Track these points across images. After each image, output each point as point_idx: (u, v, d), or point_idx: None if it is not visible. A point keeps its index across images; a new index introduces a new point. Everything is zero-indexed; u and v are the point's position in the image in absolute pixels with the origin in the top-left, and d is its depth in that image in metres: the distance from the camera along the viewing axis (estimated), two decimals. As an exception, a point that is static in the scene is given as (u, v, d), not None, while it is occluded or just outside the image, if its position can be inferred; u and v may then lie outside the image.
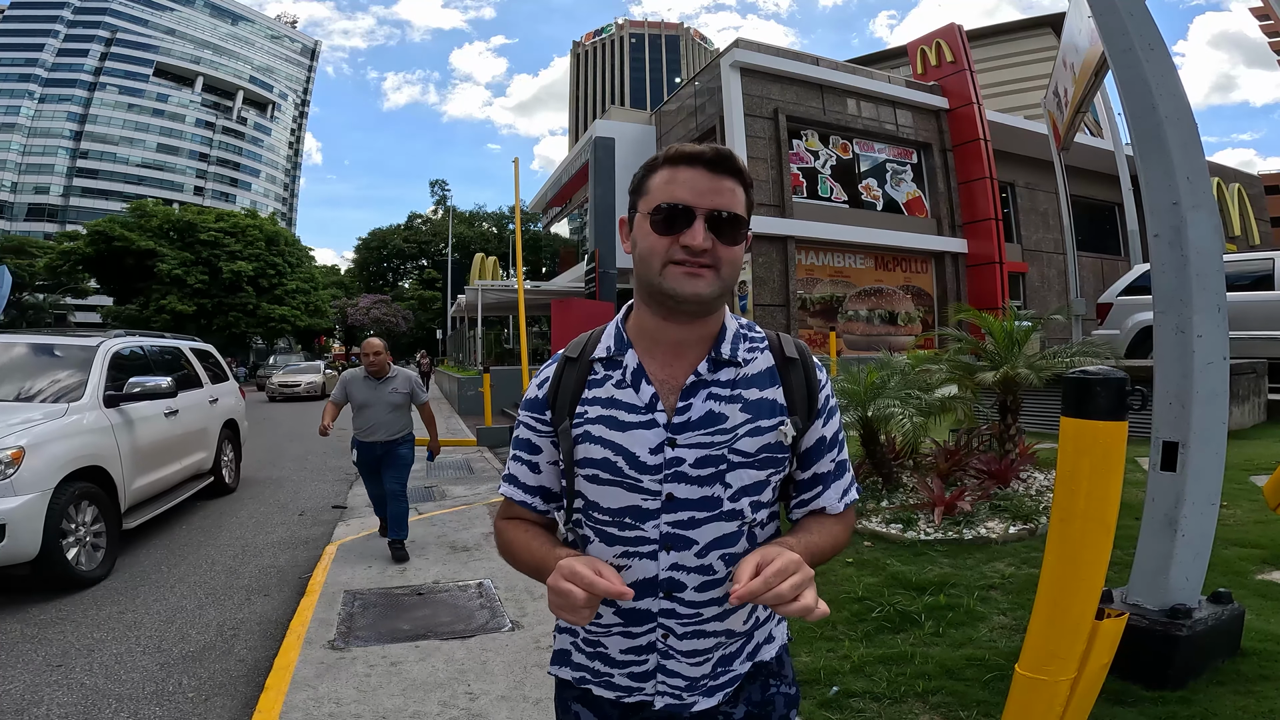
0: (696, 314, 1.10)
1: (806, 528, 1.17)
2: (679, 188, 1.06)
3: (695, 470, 1.10)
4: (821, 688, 2.82)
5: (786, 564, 0.96)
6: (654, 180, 1.10)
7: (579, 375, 1.16)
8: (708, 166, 1.07)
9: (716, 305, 1.11)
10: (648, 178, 1.11)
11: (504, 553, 1.23)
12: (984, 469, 5.35)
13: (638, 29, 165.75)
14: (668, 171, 1.09)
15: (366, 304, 58.39)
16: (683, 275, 1.06)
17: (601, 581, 0.98)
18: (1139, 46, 2.77)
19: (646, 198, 1.10)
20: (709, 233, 1.05)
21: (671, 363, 1.13)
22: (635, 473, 1.10)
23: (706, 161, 1.07)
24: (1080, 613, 2.03)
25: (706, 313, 1.11)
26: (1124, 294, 9.51)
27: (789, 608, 0.96)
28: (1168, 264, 2.72)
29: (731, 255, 1.08)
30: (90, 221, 45.26)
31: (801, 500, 1.21)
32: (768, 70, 19.27)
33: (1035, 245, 23.70)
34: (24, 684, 3.38)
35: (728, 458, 1.10)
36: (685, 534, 1.10)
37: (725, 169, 1.08)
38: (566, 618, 1.00)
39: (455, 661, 3.46)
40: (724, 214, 1.06)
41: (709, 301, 1.08)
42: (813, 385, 1.17)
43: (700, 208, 1.05)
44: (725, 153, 1.08)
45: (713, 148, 1.08)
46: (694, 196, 1.06)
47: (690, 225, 1.05)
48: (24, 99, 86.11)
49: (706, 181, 1.06)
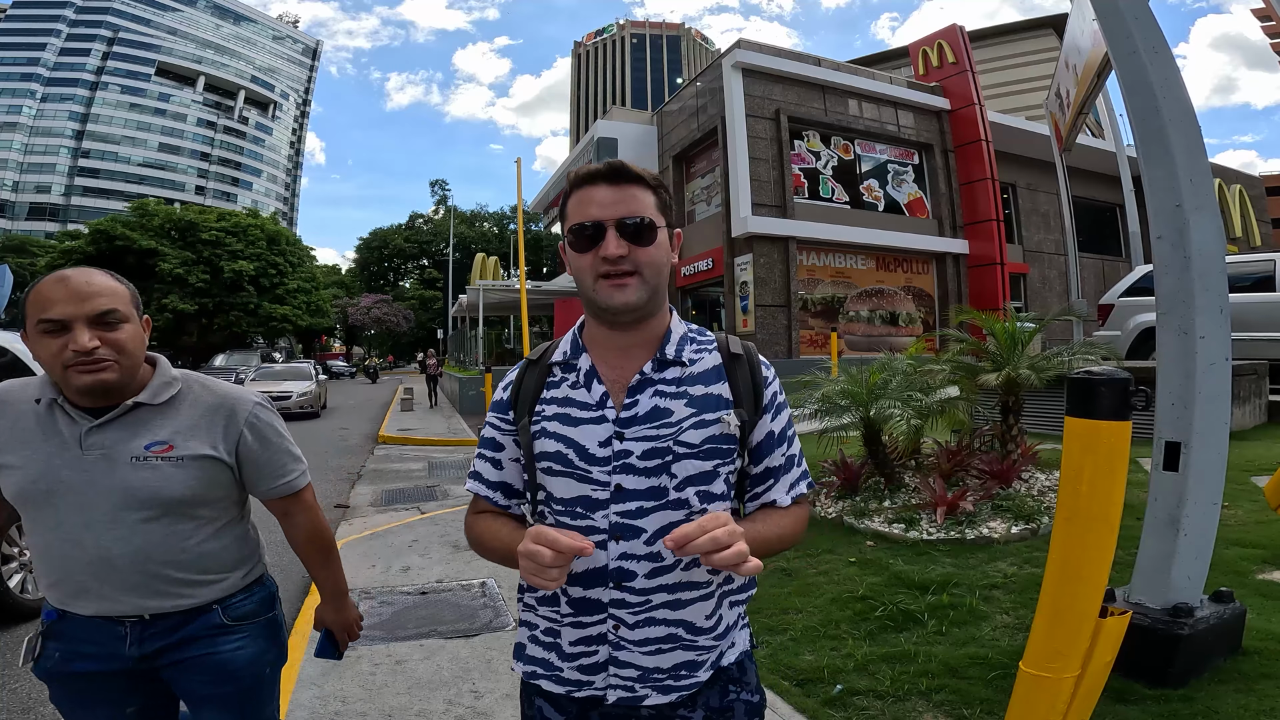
0: (634, 321, 1.18)
1: (752, 517, 1.23)
2: (589, 206, 1.15)
3: (642, 462, 1.15)
4: (826, 686, 2.83)
5: (720, 518, 1.02)
6: (569, 205, 1.19)
7: (539, 377, 1.25)
8: (607, 180, 1.16)
9: (652, 308, 1.19)
10: (565, 205, 1.20)
11: (475, 545, 1.28)
12: (986, 469, 5.35)
13: (639, 29, 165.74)
14: (577, 194, 1.18)
15: (368, 304, 58.53)
16: (610, 288, 1.14)
17: (564, 539, 1.01)
18: (1143, 49, 2.78)
19: (566, 222, 1.19)
20: (623, 241, 1.13)
21: (621, 364, 1.21)
22: (585, 464, 1.16)
23: (605, 176, 1.16)
24: (1084, 611, 2.04)
25: (644, 317, 1.18)
26: (1125, 295, 9.52)
27: (723, 555, 0.99)
28: (1170, 266, 2.73)
29: (650, 257, 1.15)
30: (92, 221, 45.31)
31: (754, 494, 1.25)
32: (769, 71, 19.29)
33: (1036, 246, 23.71)
34: (31, 683, 3.39)
35: (673, 449, 1.15)
36: (633, 523, 1.14)
37: (624, 178, 1.16)
38: (537, 582, 1.03)
39: (460, 660, 3.47)
40: (632, 220, 1.14)
41: (639, 307, 1.16)
42: (758, 380, 1.23)
43: (609, 219, 1.13)
44: (618, 164, 1.17)
45: (607, 162, 1.17)
46: (600, 210, 1.14)
47: (604, 238, 1.13)
48: (26, 98, 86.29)
49: (610, 194, 1.14)
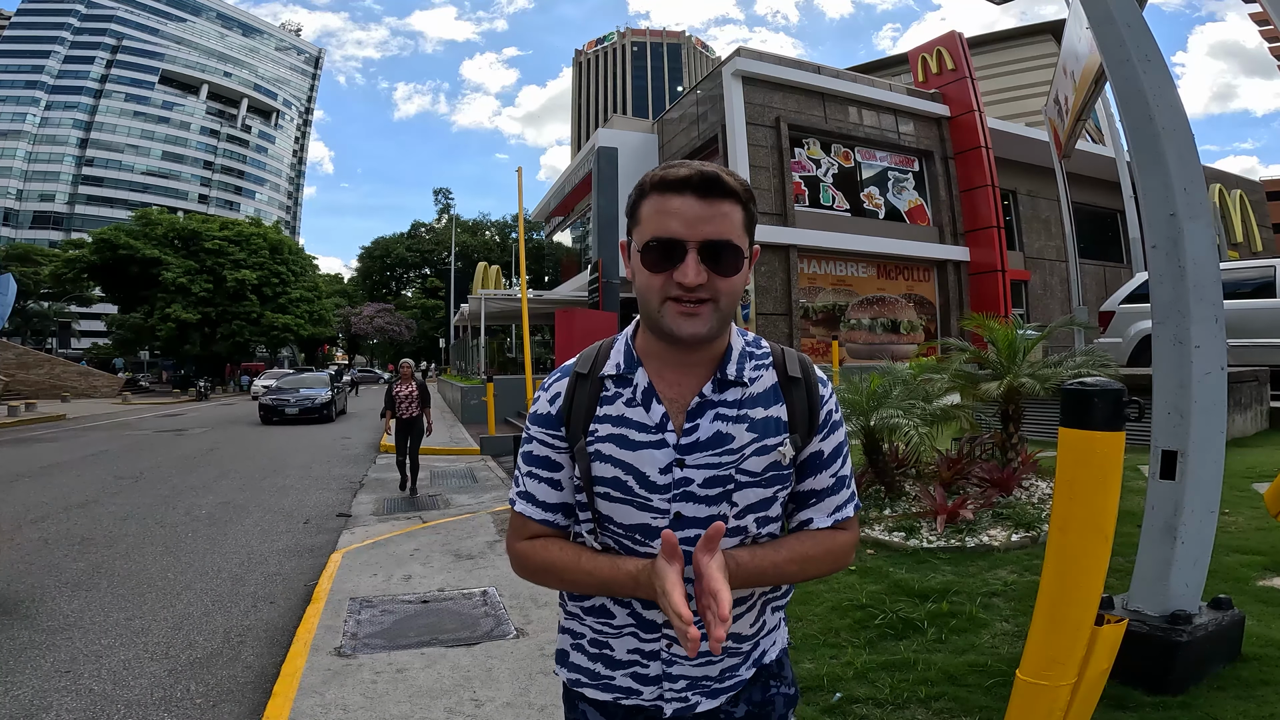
0: (698, 348, 1.09)
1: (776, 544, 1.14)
2: (669, 218, 1.00)
3: (703, 490, 1.10)
4: (825, 694, 2.84)
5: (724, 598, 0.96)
6: (645, 208, 1.04)
7: (591, 392, 1.14)
8: (696, 192, 1.00)
9: (720, 335, 1.10)
10: (639, 203, 1.06)
11: (539, 575, 1.16)
12: (986, 477, 5.35)
13: (639, 37, 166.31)
14: (656, 199, 1.03)
15: (370, 313, 58.58)
16: (680, 316, 1.02)
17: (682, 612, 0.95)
18: (1136, 58, 2.80)
19: (639, 227, 1.05)
20: (703, 265, 1.00)
21: (679, 381, 1.12)
22: (645, 492, 1.10)
23: (694, 187, 1.00)
24: (1079, 619, 2.05)
25: (708, 343, 1.09)
26: (1126, 302, 9.51)
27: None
28: (1165, 275, 2.75)
29: (730, 286, 1.03)
30: (95, 229, 45.48)
31: (796, 513, 1.20)
32: (770, 79, 19.37)
33: (1037, 253, 23.73)
34: (32, 689, 3.41)
35: (735, 477, 1.10)
36: (691, 549, 1.10)
37: (717, 192, 1.01)
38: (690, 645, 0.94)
39: (461, 669, 3.48)
40: (718, 244, 1.01)
41: (709, 339, 1.06)
42: (814, 403, 1.16)
43: (692, 240, 1.00)
44: (712, 174, 1.01)
45: (699, 170, 1.01)
46: (684, 228, 1.00)
47: (683, 260, 1.00)
48: (30, 106, 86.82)
49: (697, 209, 1.00)
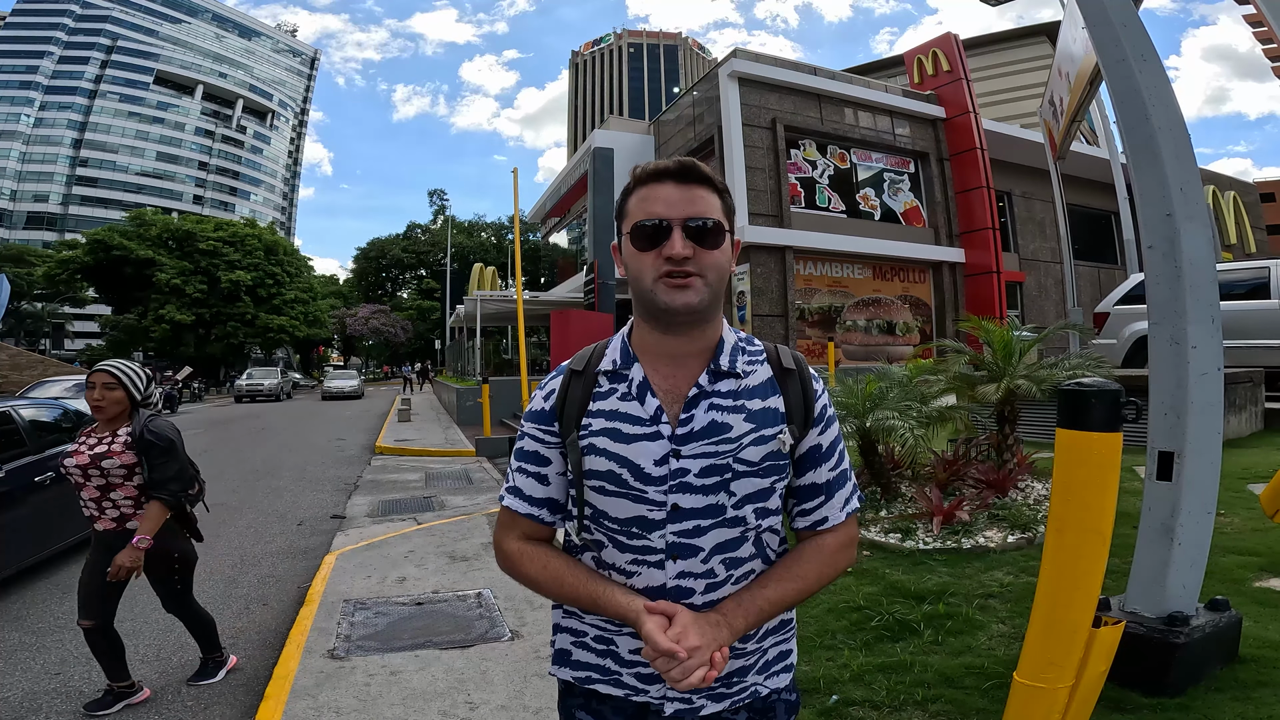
0: (691, 324, 1.14)
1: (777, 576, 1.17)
2: (653, 204, 1.12)
3: (700, 480, 1.12)
4: (821, 696, 2.82)
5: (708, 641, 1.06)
6: (631, 202, 1.16)
7: (585, 388, 1.19)
8: (676, 179, 1.13)
9: (710, 314, 1.15)
10: (626, 201, 1.17)
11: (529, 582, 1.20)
12: (982, 479, 5.35)
13: (636, 38, 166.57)
14: (641, 190, 1.14)
15: (365, 314, 58.51)
16: (671, 288, 1.10)
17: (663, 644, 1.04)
18: (1132, 58, 2.80)
19: (627, 219, 1.15)
20: (689, 241, 1.10)
21: (673, 374, 1.16)
22: (640, 484, 1.12)
23: (674, 174, 1.13)
24: (1076, 621, 2.04)
25: (701, 322, 1.14)
26: (1121, 303, 9.53)
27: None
28: (1162, 275, 2.74)
29: (714, 260, 1.12)
30: (89, 230, 45.34)
31: (803, 510, 1.22)
32: (766, 80, 19.37)
33: (1032, 254, 23.77)
34: (22, 691, 3.37)
35: (732, 466, 1.13)
36: (690, 542, 1.13)
37: (693, 178, 1.13)
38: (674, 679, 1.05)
39: (455, 671, 3.46)
40: (700, 222, 1.11)
41: (701, 310, 1.12)
42: (809, 395, 1.20)
43: (675, 219, 1.10)
44: (689, 163, 1.14)
45: (677, 160, 1.14)
46: (668, 209, 1.11)
47: (669, 237, 1.10)
48: (24, 106, 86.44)
49: (678, 193, 1.12)
